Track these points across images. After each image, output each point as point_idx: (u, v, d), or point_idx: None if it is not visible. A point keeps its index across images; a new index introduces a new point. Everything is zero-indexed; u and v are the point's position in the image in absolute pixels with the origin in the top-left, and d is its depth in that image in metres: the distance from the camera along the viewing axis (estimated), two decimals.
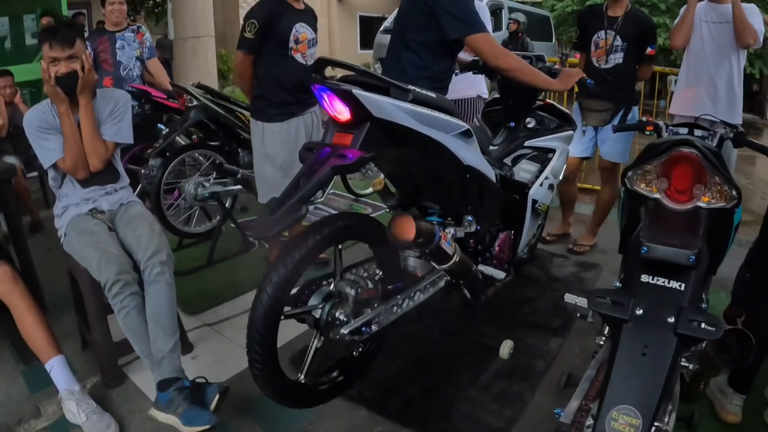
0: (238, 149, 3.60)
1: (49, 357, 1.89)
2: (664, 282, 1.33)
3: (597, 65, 3.07)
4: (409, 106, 1.56)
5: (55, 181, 2.15)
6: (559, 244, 3.42)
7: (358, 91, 1.44)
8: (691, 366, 1.49)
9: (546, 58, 2.50)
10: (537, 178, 2.31)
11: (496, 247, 2.19)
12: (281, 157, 2.65)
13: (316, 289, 1.73)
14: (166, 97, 3.77)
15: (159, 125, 3.78)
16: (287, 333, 2.15)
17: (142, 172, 3.42)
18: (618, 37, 2.99)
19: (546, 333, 2.37)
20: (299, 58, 2.63)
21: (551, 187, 2.37)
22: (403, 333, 2.12)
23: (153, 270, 1.88)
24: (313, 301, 1.70)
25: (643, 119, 2.05)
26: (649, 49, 3.02)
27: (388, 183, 2.09)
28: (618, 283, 1.67)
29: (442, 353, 2.23)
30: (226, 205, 3.29)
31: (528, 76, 2.10)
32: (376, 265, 1.88)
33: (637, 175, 1.49)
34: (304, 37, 2.63)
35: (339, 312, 1.67)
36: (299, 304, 1.69)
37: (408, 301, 1.82)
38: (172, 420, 1.72)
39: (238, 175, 3.21)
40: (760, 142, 1.94)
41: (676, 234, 1.36)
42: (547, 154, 2.40)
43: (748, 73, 9.43)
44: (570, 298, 1.63)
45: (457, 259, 1.77)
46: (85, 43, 2.08)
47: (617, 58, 3.02)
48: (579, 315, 1.73)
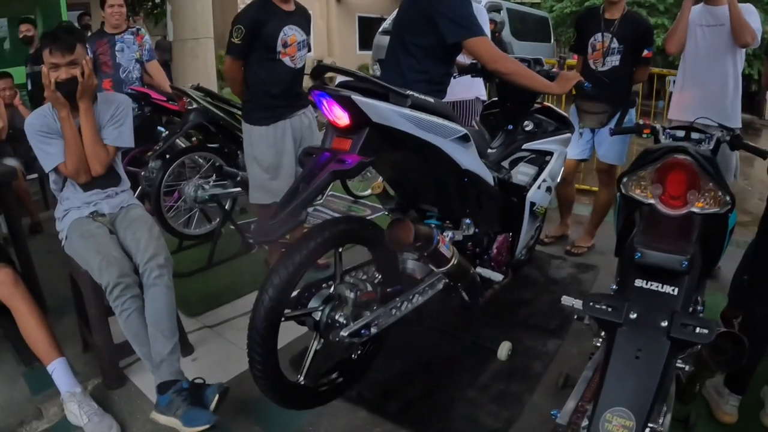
0: (238, 151, 3.60)
1: (51, 359, 1.89)
2: (657, 287, 1.35)
3: (594, 68, 3.09)
4: (408, 111, 1.58)
5: (56, 184, 2.16)
6: (557, 245, 3.43)
7: (357, 97, 1.46)
8: (687, 367, 1.50)
9: (543, 61, 2.52)
10: (535, 180, 2.32)
11: (494, 250, 2.21)
12: (268, 159, 2.68)
13: (316, 291, 1.74)
14: (165, 99, 3.78)
15: (159, 128, 3.80)
16: (287, 335, 2.15)
17: (142, 174, 3.44)
18: (615, 39, 3.00)
19: (544, 334, 2.38)
20: (287, 61, 2.63)
21: (549, 189, 2.39)
22: (402, 335, 2.13)
23: (151, 273, 1.89)
24: (313, 303, 1.72)
25: (640, 122, 2.07)
26: (645, 52, 3.03)
27: (387, 186, 2.11)
28: (614, 286, 1.69)
29: (441, 354, 2.24)
30: (226, 207, 3.30)
31: (526, 80, 2.12)
32: (375, 268, 1.90)
33: (632, 180, 1.51)
34: (293, 39, 2.61)
35: (338, 314, 1.69)
36: (299, 307, 1.71)
37: (407, 304, 1.83)
38: (172, 422, 1.73)
39: (238, 178, 3.22)
40: (756, 144, 1.95)
41: (670, 239, 1.38)
42: (545, 156, 2.41)
43: (746, 73, 9.45)
44: (567, 300, 1.64)
45: (455, 262, 1.78)
46: (86, 47, 2.08)
47: (614, 61, 3.03)
48: (576, 317, 1.75)
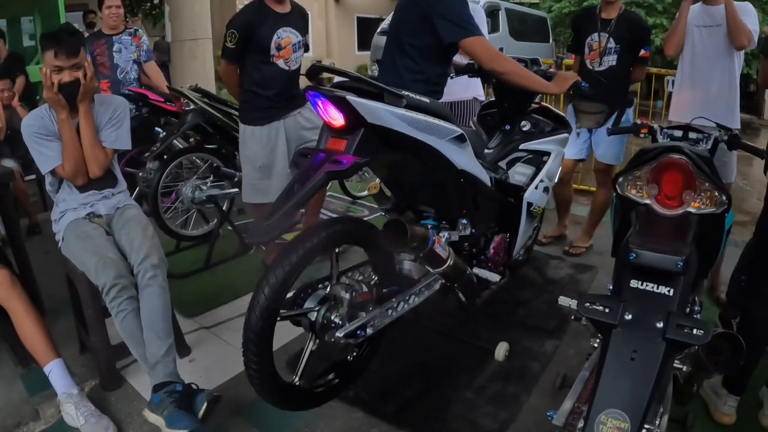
0: (235, 152, 3.59)
1: (47, 360, 1.89)
2: (653, 287, 1.34)
3: (591, 68, 3.08)
4: (403, 111, 1.58)
5: (52, 186, 2.16)
6: (555, 246, 3.42)
7: (351, 98, 1.45)
8: (684, 368, 1.50)
9: (541, 61, 2.51)
10: (532, 181, 2.31)
11: (492, 250, 2.20)
12: (260, 159, 2.70)
13: (312, 292, 1.74)
14: (163, 100, 3.78)
15: (156, 128, 3.79)
16: (284, 336, 2.15)
17: (140, 175, 3.44)
18: (611, 39, 3.00)
19: (541, 335, 2.38)
20: (282, 64, 2.64)
21: (546, 190, 2.38)
22: (399, 335, 2.13)
23: (145, 274, 1.89)
24: (309, 304, 1.71)
25: (637, 122, 2.06)
26: (642, 51, 3.03)
27: (383, 187, 2.10)
28: (611, 287, 1.68)
29: (438, 355, 2.24)
30: (224, 208, 3.30)
31: (523, 79, 2.11)
32: (371, 269, 1.89)
33: (627, 180, 1.50)
34: (287, 42, 2.62)
35: (334, 315, 1.68)
36: (295, 307, 1.70)
37: (403, 304, 1.83)
38: (158, 421, 1.73)
39: (235, 178, 3.22)
40: (754, 144, 1.94)
41: (666, 240, 1.37)
42: (543, 157, 2.40)
43: (745, 73, 9.43)
44: (564, 300, 1.64)
45: (452, 263, 1.78)
46: (86, 49, 2.08)
47: (611, 61, 3.03)
48: (573, 318, 1.74)
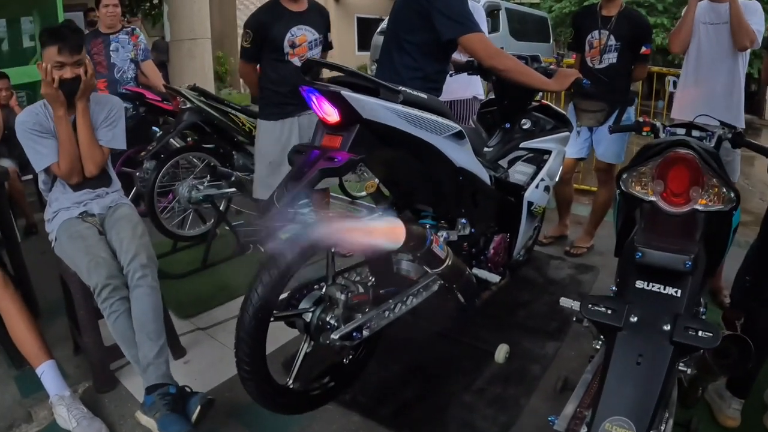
0: (233, 152, 3.58)
1: (39, 362, 1.87)
2: (659, 288, 1.29)
3: (591, 65, 3.05)
4: (400, 107, 1.54)
5: (45, 184, 2.15)
6: (555, 246, 3.39)
7: (346, 93, 1.42)
8: (689, 371, 1.46)
9: (542, 58, 2.48)
10: (533, 179, 2.28)
11: (491, 250, 2.17)
12: (272, 155, 2.70)
13: (307, 292, 1.70)
14: (160, 99, 3.75)
15: (154, 128, 3.76)
16: (280, 338, 2.13)
17: (137, 174, 3.41)
18: (612, 36, 2.97)
19: (542, 336, 2.34)
20: (296, 62, 2.64)
21: (547, 189, 2.35)
22: (396, 337, 2.09)
23: (135, 274, 1.86)
24: (304, 304, 1.67)
25: (639, 120, 2.02)
26: (643, 49, 3.00)
27: (381, 186, 2.07)
28: (614, 287, 1.64)
29: (437, 357, 2.21)
30: (221, 208, 3.27)
31: (523, 77, 2.09)
32: (368, 269, 1.86)
33: (632, 177, 1.45)
34: (302, 39, 2.64)
35: (329, 316, 1.64)
36: (290, 308, 1.67)
37: (400, 306, 1.79)
38: (151, 424, 1.72)
39: (232, 178, 3.19)
40: (758, 143, 1.90)
41: (672, 238, 1.32)
42: (543, 155, 2.37)
43: (746, 73, 9.40)
44: (565, 301, 1.60)
45: (450, 263, 1.74)
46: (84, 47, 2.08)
47: (611, 58, 3.00)
48: (575, 319, 1.71)
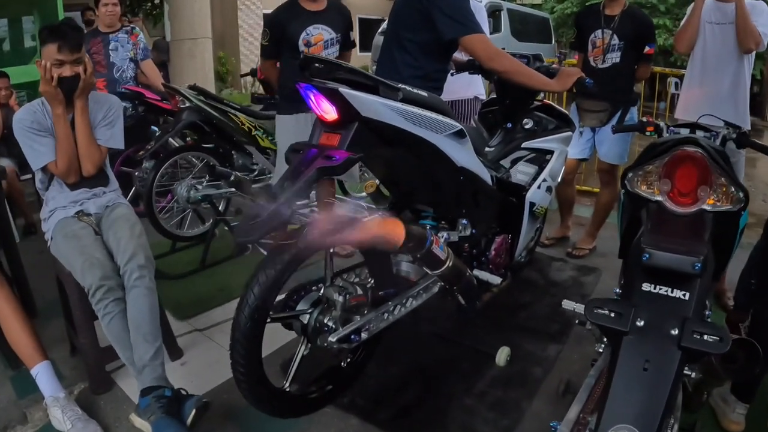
0: (232, 151, 3.56)
1: (34, 363, 1.86)
2: (667, 291, 1.25)
3: (594, 65, 3.03)
4: (399, 105, 1.52)
5: (42, 183, 2.13)
6: (557, 247, 3.37)
7: (345, 90, 1.40)
8: (694, 375, 1.43)
9: (544, 58, 2.46)
10: (534, 180, 2.26)
11: (493, 252, 2.14)
12: (285, 149, 2.71)
13: (304, 294, 1.67)
14: (159, 98, 3.74)
15: (153, 127, 3.75)
16: (277, 340, 2.10)
17: (136, 174, 3.39)
18: (615, 36, 2.94)
19: (544, 339, 2.31)
20: None
21: (549, 189, 2.32)
22: (396, 339, 2.07)
23: (132, 275, 1.84)
24: (301, 306, 1.65)
25: (643, 119, 2.00)
26: (647, 48, 2.97)
27: (381, 186, 2.04)
28: (617, 290, 1.61)
29: (437, 360, 2.18)
30: (220, 208, 3.25)
31: (523, 78, 2.07)
32: (367, 270, 1.83)
33: (637, 176, 1.41)
34: (318, 38, 2.70)
35: (327, 318, 1.61)
36: (287, 309, 1.64)
37: (400, 308, 1.76)
38: (145, 427, 1.70)
39: (231, 178, 3.17)
40: (762, 143, 1.88)
41: (680, 239, 1.28)
42: (545, 155, 2.35)
43: None
44: (568, 304, 1.57)
45: (450, 264, 1.71)
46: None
47: (614, 58, 2.97)
48: (577, 321, 1.68)
